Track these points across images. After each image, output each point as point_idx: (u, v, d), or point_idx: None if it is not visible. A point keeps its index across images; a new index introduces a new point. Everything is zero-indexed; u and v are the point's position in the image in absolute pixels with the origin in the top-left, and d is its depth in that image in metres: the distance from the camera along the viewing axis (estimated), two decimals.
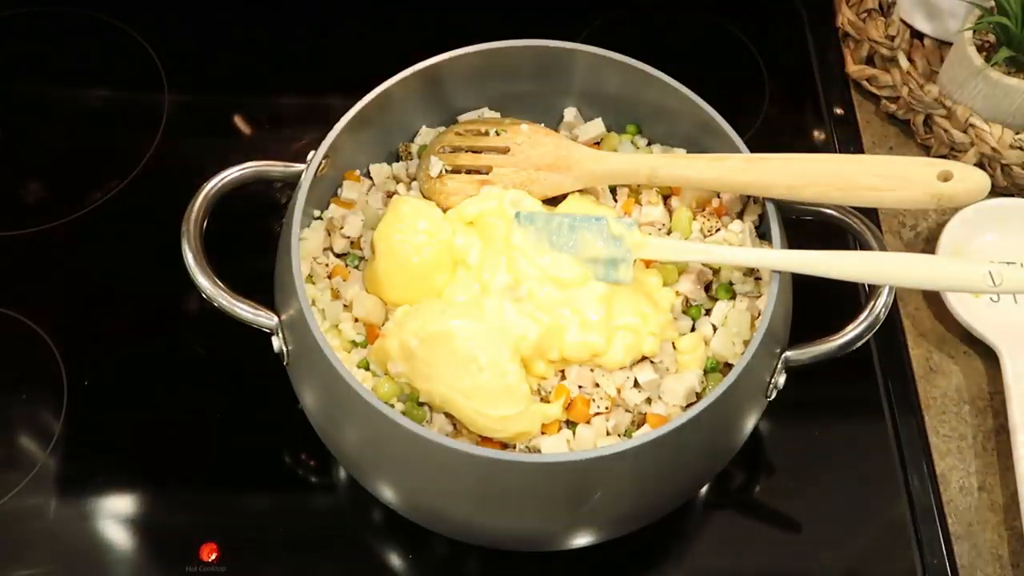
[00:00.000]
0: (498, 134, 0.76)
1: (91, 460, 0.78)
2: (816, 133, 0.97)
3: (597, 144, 0.79)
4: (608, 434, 0.67)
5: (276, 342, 0.69)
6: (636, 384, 0.69)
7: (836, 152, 0.95)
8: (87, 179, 0.91)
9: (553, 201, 0.75)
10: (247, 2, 1.00)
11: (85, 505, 0.76)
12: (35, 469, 0.77)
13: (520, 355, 0.67)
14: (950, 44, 0.93)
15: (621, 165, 0.73)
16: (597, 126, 0.79)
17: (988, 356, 0.84)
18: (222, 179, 0.70)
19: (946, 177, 0.65)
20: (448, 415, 0.68)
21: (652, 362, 0.69)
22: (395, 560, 0.75)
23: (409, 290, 0.70)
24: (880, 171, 0.67)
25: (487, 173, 0.75)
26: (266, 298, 0.70)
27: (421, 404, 0.68)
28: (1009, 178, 0.91)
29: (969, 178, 0.65)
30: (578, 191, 0.75)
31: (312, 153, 0.71)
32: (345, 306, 0.72)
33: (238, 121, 0.96)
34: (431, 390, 0.67)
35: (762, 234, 0.74)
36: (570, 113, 0.80)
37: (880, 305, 0.68)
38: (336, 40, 1.00)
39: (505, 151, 0.75)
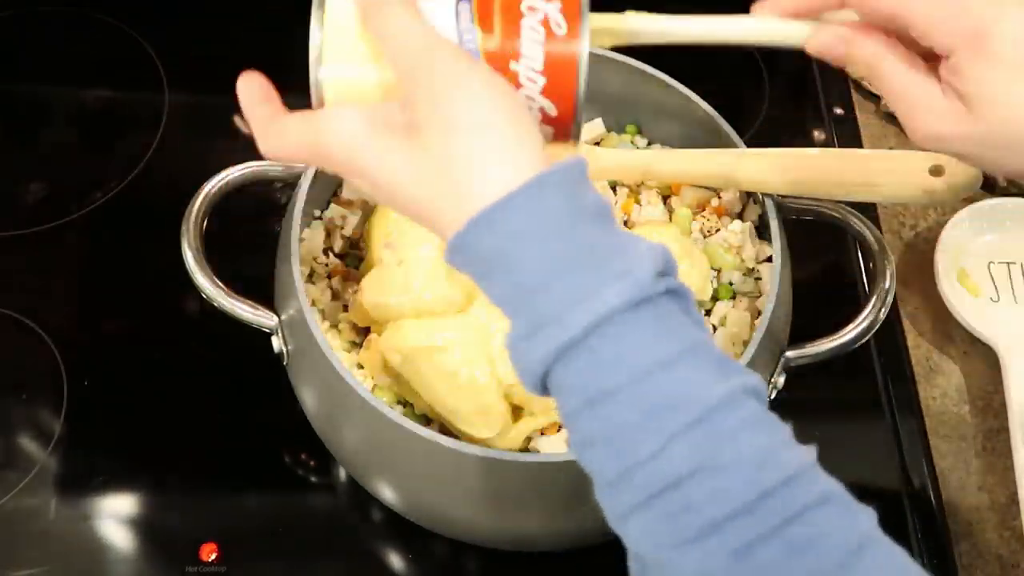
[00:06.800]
0: None
1: (91, 460, 0.78)
2: (816, 133, 0.97)
3: (597, 144, 0.79)
4: None
5: (276, 342, 0.69)
6: None
7: None
8: (87, 179, 0.91)
9: None
10: (247, 2, 1.00)
11: (85, 505, 0.76)
12: (35, 469, 0.77)
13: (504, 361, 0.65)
14: None
15: (615, 161, 0.73)
16: (597, 126, 0.79)
17: (988, 356, 0.84)
18: (222, 179, 0.70)
19: (937, 171, 0.66)
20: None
21: None
22: (395, 560, 0.75)
23: None
24: (872, 165, 0.68)
25: None
26: (266, 298, 0.70)
27: (418, 414, 0.68)
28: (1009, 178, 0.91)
29: (960, 172, 0.66)
30: None
31: None
32: (345, 306, 0.72)
33: (238, 121, 0.96)
34: (420, 404, 0.67)
35: (762, 234, 0.74)
36: None
37: (880, 305, 0.68)
38: None
39: None
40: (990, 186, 0.91)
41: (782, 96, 0.99)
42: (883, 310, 0.68)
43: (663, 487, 0.38)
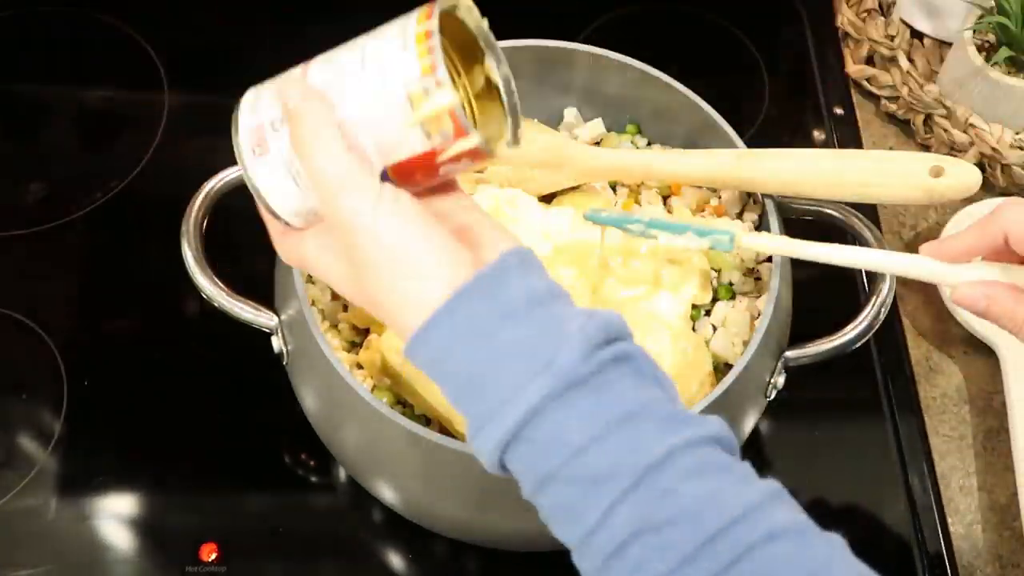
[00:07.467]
0: None
1: (91, 460, 0.78)
2: (816, 133, 0.97)
3: (597, 144, 0.79)
4: None
5: (276, 342, 0.69)
6: None
7: None
8: (87, 179, 0.91)
9: (546, 198, 0.75)
10: (247, 2, 1.00)
11: (85, 505, 0.76)
12: (35, 469, 0.77)
13: None
14: (950, 44, 0.93)
15: (615, 161, 0.73)
16: (597, 126, 0.79)
17: (988, 356, 0.84)
18: (222, 179, 0.70)
19: (937, 173, 0.66)
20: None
21: None
22: (395, 560, 0.75)
23: None
24: (872, 167, 0.68)
25: (482, 172, 0.75)
26: (266, 298, 0.70)
27: (418, 414, 0.68)
28: (1009, 178, 0.90)
29: (960, 173, 0.66)
30: (574, 188, 0.75)
31: None
32: (345, 306, 0.72)
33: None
34: (420, 404, 0.67)
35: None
36: (570, 113, 0.80)
37: (880, 304, 0.68)
38: (337, 39, 1.00)
39: None
40: (990, 186, 0.91)
41: (782, 96, 0.99)
42: (883, 310, 0.68)
43: (612, 551, 0.42)
